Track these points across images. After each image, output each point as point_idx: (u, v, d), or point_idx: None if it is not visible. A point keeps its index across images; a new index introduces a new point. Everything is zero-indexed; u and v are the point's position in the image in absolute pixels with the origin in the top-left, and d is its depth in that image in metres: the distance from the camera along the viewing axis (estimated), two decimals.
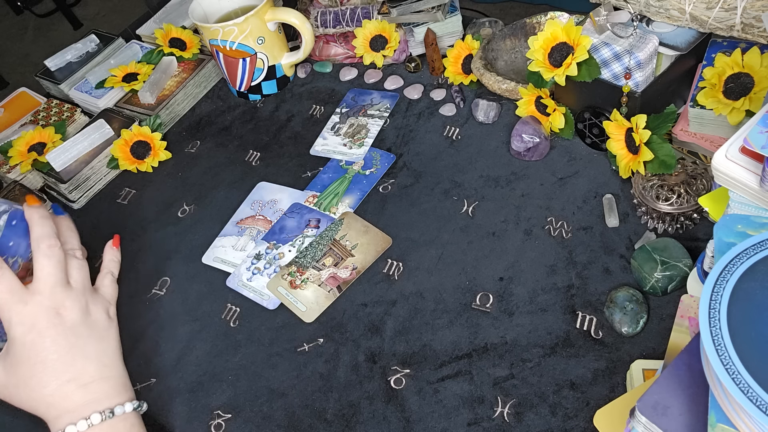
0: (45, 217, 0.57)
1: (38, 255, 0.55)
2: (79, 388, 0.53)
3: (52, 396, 0.53)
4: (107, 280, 0.62)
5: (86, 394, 0.54)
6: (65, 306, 0.55)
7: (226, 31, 0.85)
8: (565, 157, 0.73)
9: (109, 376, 0.56)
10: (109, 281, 0.62)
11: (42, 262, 0.55)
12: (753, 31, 0.59)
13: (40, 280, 0.54)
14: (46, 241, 0.55)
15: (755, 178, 0.46)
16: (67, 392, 0.53)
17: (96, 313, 0.57)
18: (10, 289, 0.53)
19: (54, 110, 0.98)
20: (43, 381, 0.53)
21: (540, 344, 0.58)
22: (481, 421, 0.55)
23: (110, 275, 0.62)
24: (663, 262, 0.57)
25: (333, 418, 0.58)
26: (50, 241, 0.56)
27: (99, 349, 0.56)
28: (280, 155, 0.85)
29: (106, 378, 0.55)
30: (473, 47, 0.83)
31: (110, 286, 0.61)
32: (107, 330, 0.58)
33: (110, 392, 0.55)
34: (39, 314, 0.53)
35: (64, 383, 0.53)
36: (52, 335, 0.53)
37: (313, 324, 0.65)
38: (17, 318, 0.53)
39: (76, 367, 0.54)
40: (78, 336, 0.55)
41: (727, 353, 0.34)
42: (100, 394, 0.54)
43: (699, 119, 0.66)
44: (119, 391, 0.56)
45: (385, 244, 0.70)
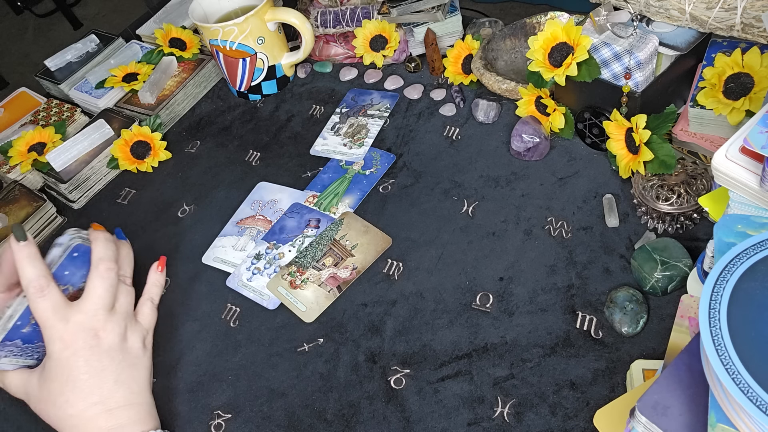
0: (110, 241, 0.59)
1: (94, 275, 0.57)
2: (104, 412, 0.54)
3: (78, 417, 0.53)
4: (146, 307, 0.63)
5: (111, 418, 0.54)
6: (105, 329, 0.56)
7: (226, 31, 0.85)
8: (565, 157, 0.73)
9: (136, 402, 0.56)
10: (149, 309, 0.63)
11: (96, 282, 0.56)
12: (753, 31, 0.59)
13: (89, 300, 0.56)
14: (105, 263, 0.57)
15: (755, 178, 0.46)
16: (92, 415, 0.53)
17: (132, 341, 0.59)
18: (54, 306, 0.54)
19: (54, 110, 0.98)
20: (70, 400, 0.53)
21: (540, 344, 0.58)
22: (481, 421, 0.55)
23: (150, 302, 0.63)
24: (663, 262, 0.57)
25: (333, 418, 0.58)
26: (109, 264, 0.57)
27: (130, 376, 0.57)
28: (280, 155, 0.85)
29: (133, 404, 0.56)
30: (473, 47, 0.83)
31: (149, 315, 0.63)
32: (140, 358, 0.59)
33: (135, 419, 0.55)
34: (78, 333, 0.54)
35: (90, 405, 0.54)
36: (86, 356, 0.54)
37: (313, 324, 0.65)
38: (57, 335, 0.54)
39: (104, 390, 0.54)
40: (111, 360, 0.56)
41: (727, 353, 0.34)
42: (125, 420, 0.54)
43: (699, 119, 0.66)
44: (144, 419, 0.56)
45: (385, 244, 0.70)
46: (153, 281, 0.65)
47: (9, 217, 0.82)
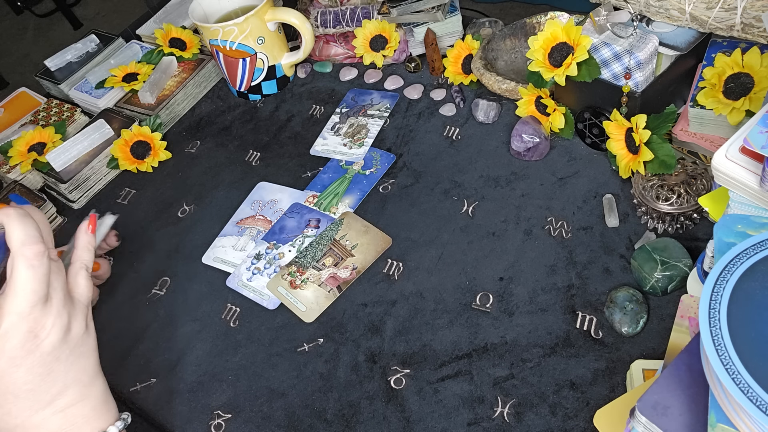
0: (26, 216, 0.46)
1: (21, 264, 0.44)
2: (55, 414, 0.47)
3: (23, 426, 0.46)
4: (81, 277, 0.51)
5: (64, 420, 0.47)
6: (44, 327, 0.46)
7: (226, 31, 0.85)
8: (565, 157, 0.73)
9: (88, 395, 0.49)
10: (84, 279, 0.51)
11: (24, 273, 0.44)
12: (753, 31, 0.59)
13: (19, 296, 0.44)
14: (31, 247, 0.45)
15: (755, 178, 0.46)
16: (41, 421, 0.46)
17: (75, 327, 0.48)
18: None
19: (54, 110, 0.98)
20: (12, 412, 0.46)
21: (540, 344, 0.58)
22: (481, 421, 0.55)
23: (84, 270, 0.52)
24: (663, 262, 0.57)
25: (333, 418, 0.58)
26: (37, 247, 0.45)
27: (78, 368, 0.48)
28: (280, 155, 0.85)
29: (86, 399, 0.49)
30: (473, 47, 0.83)
31: (85, 286, 0.51)
32: (86, 344, 0.49)
33: (91, 415, 0.49)
34: (12, 340, 0.44)
35: (37, 411, 0.46)
36: (27, 364, 0.45)
37: (313, 324, 0.65)
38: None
39: (53, 392, 0.47)
40: (57, 359, 0.47)
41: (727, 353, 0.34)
42: (79, 419, 0.48)
43: (699, 119, 0.66)
44: (101, 412, 0.49)
45: (385, 244, 0.70)
46: (83, 245, 0.53)
47: None
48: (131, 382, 0.65)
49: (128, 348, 0.68)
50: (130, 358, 0.67)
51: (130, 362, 0.67)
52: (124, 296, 0.73)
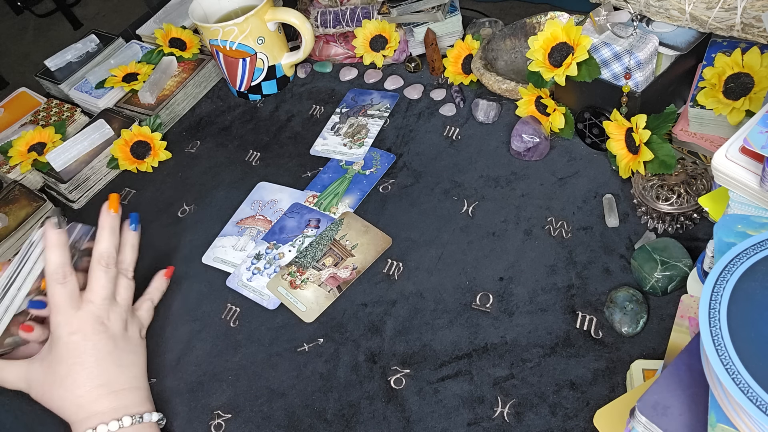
0: (114, 233, 0.63)
1: (96, 267, 0.60)
2: (110, 393, 0.57)
3: (84, 397, 0.56)
4: (146, 305, 0.66)
5: (116, 399, 0.57)
6: (110, 318, 0.60)
7: (226, 31, 0.85)
8: (565, 157, 0.73)
9: (138, 386, 0.59)
10: (148, 307, 0.66)
11: (98, 274, 0.60)
12: (753, 31, 0.59)
13: (94, 291, 0.60)
14: (105, 258, 0.61)
15: (755, 178, 0.46)
16: (99, 395, 0.56)
17: (132, 331, 0.62)
18: (70, 293, 0.58)
19: (54, 110, 0.98)
20: (78, 381, 0.56)
21: (540, 344, 0.58)
22: (481, 421, 0.55)
23: (150, 302, 0.67)
24: (663, 262, 0.57)
25: (333, 418, 0.58)
26: (109, 259, 0.61)
27: (132, 362, 0.60)
28: (280, 155, 0.85)
29: (135, 388, 0.59)
30: (473, 47, 0.83)
31: (147, 311, 0.66)
32: (139, 348, 0.62)
33: (138, 401, 0.58)
34: (87, 320, 0.58)
35: (98, 386, 0.56)
36: (95, 340, 0.58)
37: (313, 324, 0.65)
38: (67, 320, 0.57)
39: (110, 373, 0.58)
40: (116, 345, 0.59)
41: (727, 353, 0.34)
42: (129, 401, 0.57)
43: (699, 119, 0.66)
44: (145, 402, 0.59)
45: (385, 244, 0.70)
46: (156, 285, 0.68)
47: (9, 217, 0.82)
48: None
49: None
50: None
51: None
52: None
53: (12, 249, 0.81)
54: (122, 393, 0.57)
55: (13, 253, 0.81)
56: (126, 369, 0.59)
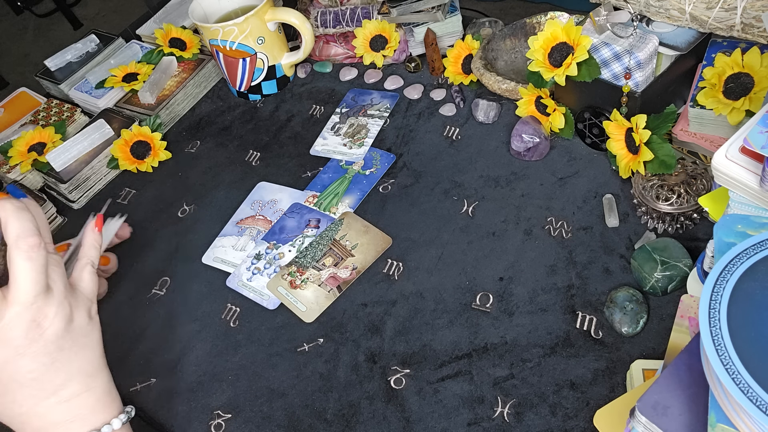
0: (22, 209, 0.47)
1: (18, 256, 0.45)
2: (59, 404, 0.47)
3: (28, 414, 0.47)
4: (87, 272, 0.52)
5: (68, 411, 0.48)
6: (47, 316, 0.46)
7: (226, 31, 0.85)
8: (565, 157, 0.73)
9: (93, 386, 0.49)
10: (89, 274, 0.52)
11: (23, 265, 0.45)
12: (753, 31, 0.59)
13: (20, 288, 0.45)
14: (28, 239, 0.46)
15: (755, 178, 0.46)
16: (45, 410, 0.47)
17: (78, 318, 0.49)
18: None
19: (54, 110, 0.98)
20: (17, 400, 0.46)
21: (540, 344, 0.58)
22: (481, 421, 0.55)
23: (90, 266, 0.53)
24: (663, 262, 0.57)
25: (333, 418, 0.58)
26: (33, 239, 0.46)
27: (83, 359, 0.49)
28: (280, 155, 0.85)
29: (90, 390, 0.49)
30: (473, 47, 0.83)
31: (90, 281, 0.52)
32: (89, 335, 0.50)
33: (95, 406, 0.49)
34: (16, 329, 0.45)
35: (42, 400, 0.47)
36: (32, 353, 0.46)
37: (313, 324, 0.65)
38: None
39: (57, 382, 0.47)
40: (60, 349, 0.47)
41: (727, 353, 0.34)
42: (84, 410, 0.48)
43: (699, 119, 0.66)
44: (105, 404, 0.50)
45: (385, 244, 0.70)
46: (90, 242, 0.54)
47: None
48: (131, 382, 0.65)
49: (128, 348, 0.68)
50: (130, 358, 0.67)
51: (130, 362, 0.67)
52: (124, 296, 0.73)
53: None
54: (75, 401, 0.48)
55: None
56: (77, 372, 0.48)
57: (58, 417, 0.47)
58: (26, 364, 0.46)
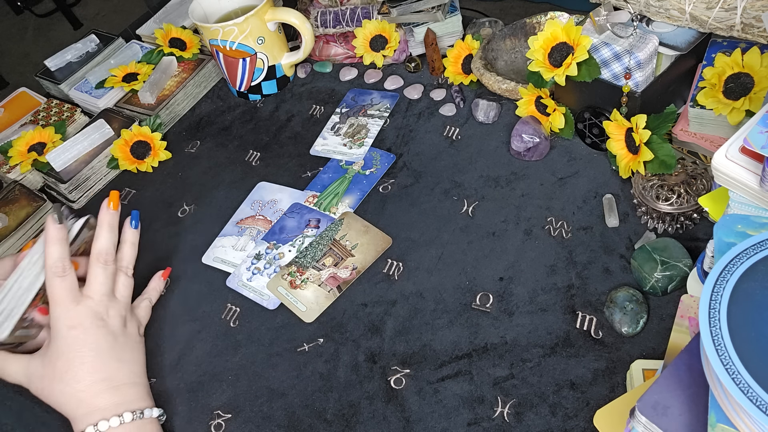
0: (112, 231, 0.63)
1: (95, 265, 0.61)
2: (110, 388, 0.57)
3: (85, 392, 0.56)
4: (144, 304, 0.67)
5: (117, 395, 0.57)
6: (109, 314, 0.60)
7: (226, 31, 0.85)
8: (565, 157, 0.73)
9: (138, 382, 0.59)
10: (146, 306, 0.67)
11: (97, 271, 0.60)
12: (753, 31, 0.59)
13: (93, 287, 0.60)
14: (104, 255, 0.61)
15: (755, 178, 0.46)
16: (99, 390, 0.56)
17: (131, 327, 0.62)
18: (70, 288, 0.58)
19: (54, 110, 0.98)
20: (78, 376, 0.56)
21: (540, 344, 0.58)
22: (481, 421, 0.55)
23: (148, 301, 0.67)
24: (663, 262, 0.57)
25: (333, 418, 0.58)
26: (107, 256, 0.62)
27: (131, 358, 0.60)
28: (280, 155, 0.85)
29: (135, 384, 0.59)
30: (473, 47, 0.83)
31: (145, 309, 0.66)
32: (138, 344, 0.63)
33: (138, 396, 0.58)
34: (87, 315, 0.58)
35: (98, 381, 0.56)
36: (95, 335, 0.58)
37: (313, 324, 0.65)
38: (66, 314, 0.57)
39: (111, 368, 0.58)
40: (116, 340, 0.59)
41: (727, 353, 0.34)
42: (130, 397, 0.58)
43: (699, 119, 0.66)
44: (145, 397, 0.59)
45: (385, 244, 0.70)
46: (154, 286, 0.69)
47: (9, 217, 0.82)
48: None
49: None
50: None
51: None
52: None
53: (12, 249, 0.81)
54: (122, 388, 0.57)
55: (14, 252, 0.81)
56: (126, 364, 0.59)
57: (108, 398, 0.56)
58: (90, 342, 0.57)
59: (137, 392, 0.58)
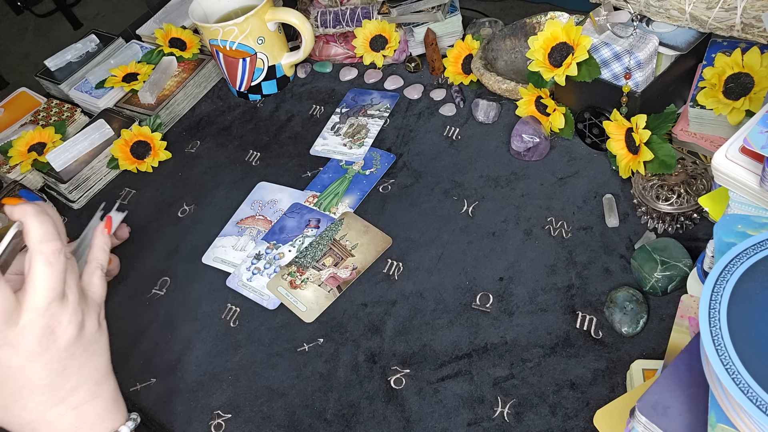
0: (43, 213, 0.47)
1: (39, 261, 0.45)
2: (68, 411, 0.48)
3: (37, 422, 0.47)
4: (96, 277, 0.52)
5: (77, 417, 0.48)
6: (61, 324, 0.46)
7: (226, 31, 0.85)
8: (565, 157, 0.73)
9: (101, 393, 0.50)
10: (98, 278, 0.52)
11: (43, 270, 0.45)
12: (753, 31, 0.59)
13: (38, 294, 0.45)
14: (49, 244, 0.46)
15: (755, 178, 0.46)
16: (55, 417, 0.47)
17: (89, 325, 0.49)
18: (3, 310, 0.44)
19: (54, 110, 0.98)
20: (27, 407, 0.46)
21: (540, 344, 0.58)
22: (481, 421, 0.55)
23: (99, 270, 0.53)
24: (663, 262, 0.57)
25: (333, 418, 0.58)
26: (54, 244, 0.46)
27: (92, 366, 0.49)
28: (280, 155, 0.85)
29: (98, 396, 0.50)
30: (473, 47, 0.83)
31: (100, 285, 0.52)
32: (98, 342, 0.50)
33: (103, 414, 0.49)
34: (30, 335, 0.45)
35: (51, 407, 0.47)
36: (43, 360, 0.46)
37: (313, 324, 0.65)
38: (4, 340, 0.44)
39: (67, 389, 0.48)
40: (72, 356, 0.47)
41: (727, 353, 0.34)
42: (92, 417, 0.49)
43: (699, 119, 0.66)
44: (111, 411, 0.50)
45: (385, 244, 0.70)
46: (100, 245, 0.54)
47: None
48: (131, 382, 0.65)
49: (128, 348, 0.68)
50: (130, 358, 0.67)
51: (130, 362, 0.67)
52: (124, 296, 0.73)
53: None
54: (83, 407, 0.48)
55: None
56: (86, 379, 0.49)
57: (66, 424, 0.47)
58: (38, 371, 0.46)
59: (102, 407, 0.50)
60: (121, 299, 0.73)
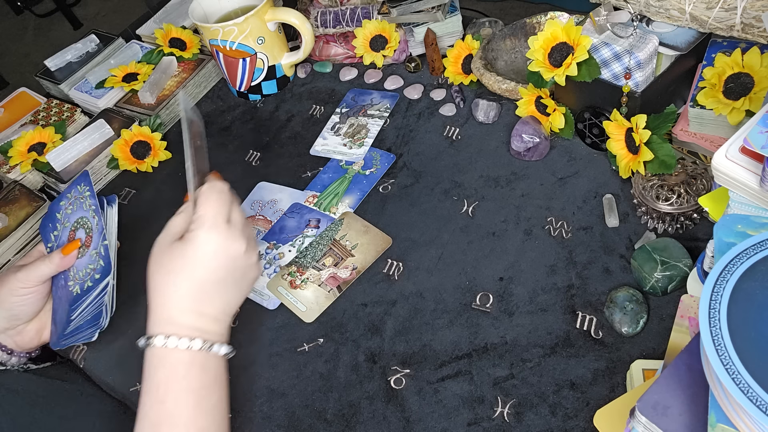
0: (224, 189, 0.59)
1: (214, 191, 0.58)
2: (197, 313, 0.55)
3: (173, 301, 0.54)
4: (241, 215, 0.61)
5: (198, 320, 0.55)
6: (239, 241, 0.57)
7: (226, 31, 0.85)
8: (565, 157, 0.73)
9: (223, 320, 0.57)
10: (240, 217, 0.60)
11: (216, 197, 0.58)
12: (753, 31, 0.59)
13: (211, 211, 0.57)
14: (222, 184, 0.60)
15: (755, 178, 0.46)
16: (186, 307, 0.55)
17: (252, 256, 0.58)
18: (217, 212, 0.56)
19: (54, 110, 0.98)
20: (177, 283, 0.54)
21: (540, 344, 0.58)
22: (481, 421, 0.55)
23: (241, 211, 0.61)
24: (663, 262, 0.57)
25: (333, 418, 0.58)
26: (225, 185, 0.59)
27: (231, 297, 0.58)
28: (280, 155, 0.85)
29: (220, 321, 0.57)
30: (473, 47, 0.83)
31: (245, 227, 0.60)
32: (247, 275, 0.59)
33: (217, 332, 0.56)
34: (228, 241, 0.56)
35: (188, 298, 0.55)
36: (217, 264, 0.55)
37: (313, 324, 0.65)
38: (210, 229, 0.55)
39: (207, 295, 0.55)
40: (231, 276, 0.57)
41: (727, 353, 0.34)
42: (209, 328, 0.56)
43: (699, 119, 0.66)
44: (223, 335, 0.57)
45: (385, 244, 0.70)
46: None
47: (9, 217, 0.82)
48: (131, 382, 0.65)
49: (128, 348, 0.68)
50: (130, 358, 0.67)
51: (130, 362, 0.66)
52: (125, 296, 0.73)
53: (12, 249, 0.81)
54: (206, 318, 0.55)
55: (14, 252, 0.81)
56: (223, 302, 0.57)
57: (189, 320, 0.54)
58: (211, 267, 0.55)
59: (219, 328, 0.56)
60: (122, 299, 0.73)
